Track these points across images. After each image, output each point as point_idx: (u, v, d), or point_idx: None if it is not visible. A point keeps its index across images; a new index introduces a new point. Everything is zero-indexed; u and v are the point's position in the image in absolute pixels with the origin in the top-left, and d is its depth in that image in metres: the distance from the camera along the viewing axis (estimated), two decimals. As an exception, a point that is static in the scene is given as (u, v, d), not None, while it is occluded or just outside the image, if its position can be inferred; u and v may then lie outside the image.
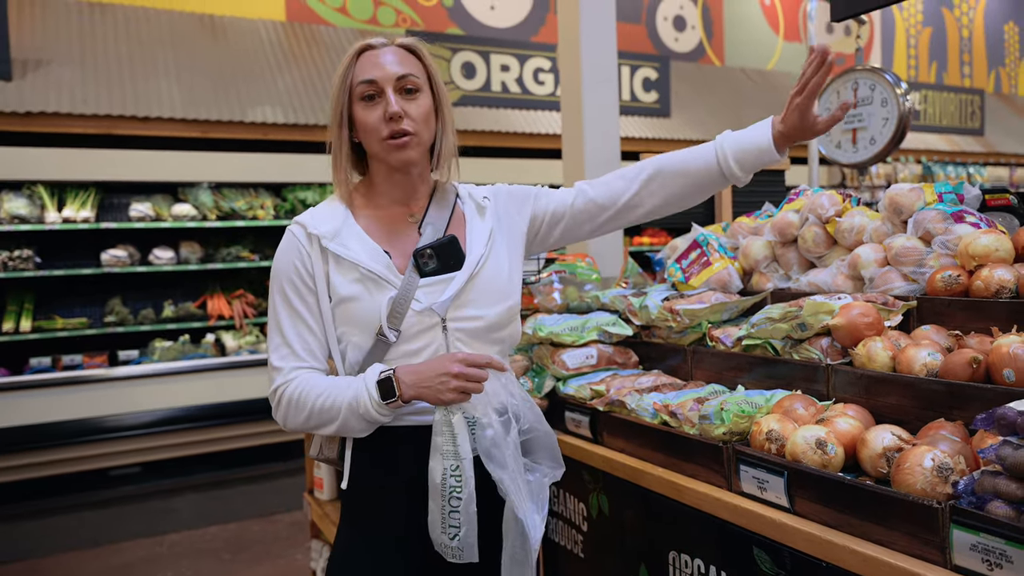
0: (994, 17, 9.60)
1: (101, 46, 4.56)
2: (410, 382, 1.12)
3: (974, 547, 0.92)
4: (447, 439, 1.12)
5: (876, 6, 1.65)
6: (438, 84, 1.25)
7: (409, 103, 1.19)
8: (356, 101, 1.21)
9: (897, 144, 2.50)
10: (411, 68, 1.21)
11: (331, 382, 1.18)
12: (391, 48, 1.22)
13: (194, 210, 4.55)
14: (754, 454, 1.24)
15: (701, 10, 7.35)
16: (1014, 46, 9.80)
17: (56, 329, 4.27)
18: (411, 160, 1.21)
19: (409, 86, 1.20)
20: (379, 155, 1.22)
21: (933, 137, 8.03)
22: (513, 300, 1.26)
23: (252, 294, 4.96)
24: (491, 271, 1.24)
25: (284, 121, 4.65)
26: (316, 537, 2.58)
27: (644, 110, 6.13)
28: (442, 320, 1.19)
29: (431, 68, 1.24)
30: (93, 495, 4.10)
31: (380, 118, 1.18)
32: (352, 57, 1.22)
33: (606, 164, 2.73)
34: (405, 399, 1.13)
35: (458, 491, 1.11)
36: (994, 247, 1.31)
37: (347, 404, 1.14)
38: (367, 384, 1.13)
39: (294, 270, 1.20)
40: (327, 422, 1.16)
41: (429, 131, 1.23)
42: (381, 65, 1.19)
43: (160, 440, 4.22)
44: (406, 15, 5.91)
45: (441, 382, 1.10)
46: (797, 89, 1.22)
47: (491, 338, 1.24)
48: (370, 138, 1.21)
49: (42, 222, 4.16)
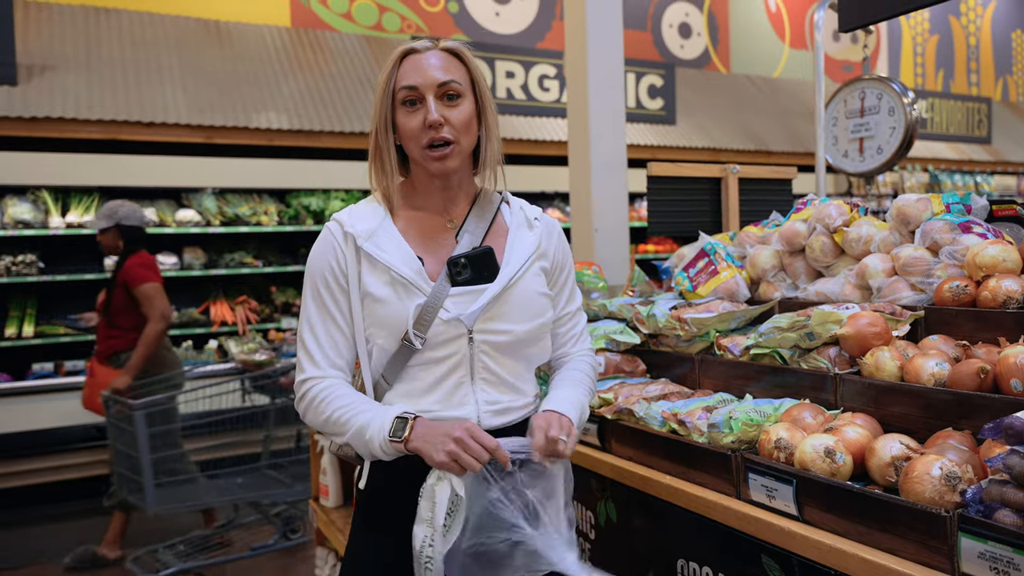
0: (1001, 25, 9.56)
1: (106, 51, 4.58)
2: (420, 432, 1.11)
3: (982, 555, 0.93)
4: (428, 506, 1.10)
5: (885, 17, 1.66)
6: (482, 89, 1.23)
7: (450, 110, 1.18)
8: (398, 106, 1.19)
9: (904, 153, 2.51)
10: (454, 74, 1.19)
11: (352, 399, 1.18)
12: (434, 52, 1.20)
13: (198, 216, 4.56)
14: (763, 462, 1.24)
15: (707, 17, 7.36)
16: (1022, 54, 9.76)
17: (59, 335, 4.27)
18: (450, 169, 1.20)
19: (451, 92, 1.18)
20: (419, 161, 1.22)
21: (940, 145, 8.00)
22: (545, 318, 1.25)
23: (255, 300, 4.97)
24: (525, 286, 1.22)
25: (289, 127, 4.67)
26: (321, 544, 2.57)
27: (649, 117, 6.14)
28: (469, 331, 1.18)
29: (475, 72, 1.22)
30: (100, 501, 4.10)
31: (420, 125, 1.17)
32: (395, 61, 1.20)
33: (613, 170, 2.75)
34: (409, 448, 1.11)
35: (431, 563, 1.08)
36: (1001, 258, 1.32)
37: (357, 428, 1.14)
38: (383, 419, 1.13)
39: (328, 268, 1.20)
40: (338, 434, 1.18)
41: (470, 138, 1.22)
42: (423, 70, 1.18)
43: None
44: (411, 21, 5.93)
45: (441, 441, 1.08)
46: None
47: (519, 354, 1.23)
48: (411, 144, 1.20)
49: (46, 227, 4.17)
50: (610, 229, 2.80)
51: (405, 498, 1.18)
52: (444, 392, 1.18)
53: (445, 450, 1.07)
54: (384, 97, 1.20)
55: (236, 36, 5.12)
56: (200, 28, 5.02)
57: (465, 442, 1.07)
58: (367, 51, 5.48)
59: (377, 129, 1.21)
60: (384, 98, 1.20)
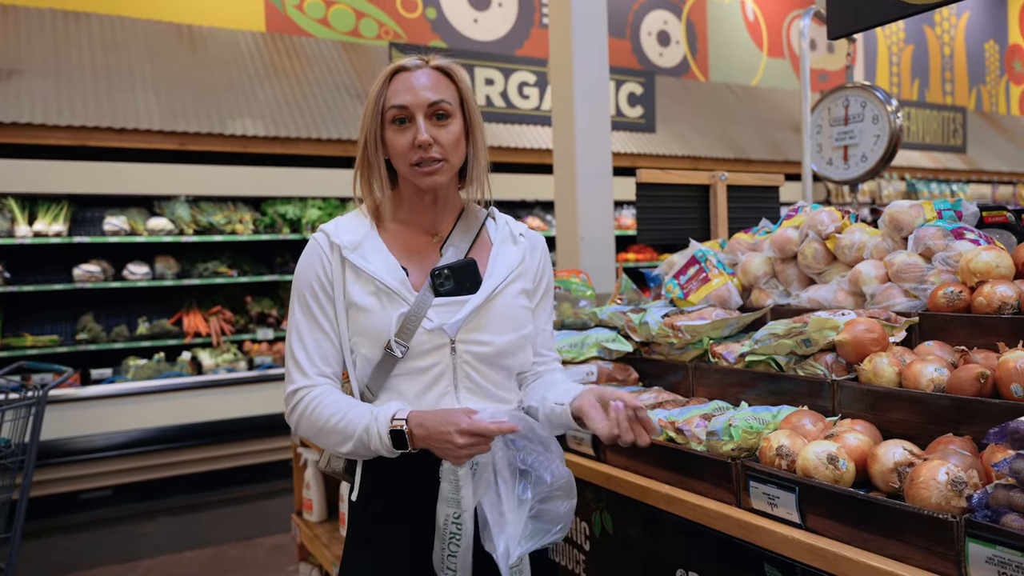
0: (974, 35, 9.75)
1: (76, 56, 4.46)
2: (421, 435, 1.12)
3: (990, 560, 0.93)
4: (452, 487, 1.14)
5: (872, 24, 1.68)
6: (471, 107, 1.25)
7: (440, 130, 1.20)
8: (388, 124, 1.21)
9: (888, 161, 2.55)
10: (444, 93, 1.21)
11: (348, 405, 1.17)
12: (424, 71, 1.21)
13: (170, 224, 4.46)
14: (764, 470, 1.23)
15: (685, 25, 7.42)
16: (995, 64, 9.98)
17: (26, 347, 4.13)
18: (438, 184, 1.22)
19: (441, 112, 1.20)
20: (407, 177, 1.23)
21: (916, 154, 8.14)
22: (526, 330, 1.27)
23: (230, 311, 4.87)
24: (507, 299, 1.25)
25: (264, 134, 4.59)
26: (305, 560, 2.51)
27: (630, 125, 6.16)
28: (452, 341, 1.20)
29: (464, 91, 1.24)
30: (62, 519, 3.96)
31: (409, 144, 1.19)
32: (385, 78, 1.22)
33: (598, 179, 2.74)
34: (415, 448, 1.14)
35: (457, 538, 1.13)
36: (995, 264, 1.33)
37: (357, 435, 1.14)
38: (379, 427, 1.13)
39: (316, 278, 1.21)
40: (338, 443, 1.17)
41: (459, 156, 1.23)
42: (413, 90, 1.19)
43: (133, 462, 4.10)
44: (389, 27, 5.90)
45: (448, 449, 1.09)
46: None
47: (498, 364, 1.25)
48: (399, 161, 1.22)
49: (12, 236, 4.03)
50: (596, 237, 2.80)
51: (398, 506, 1.20)
52: (428, 404, 1.19)
53: (458, 457, 1.09)
54: (374, 114, 1.21)
55: (210, 41, 5.03)
56: (172, 33, 4.92)
57: (470, 444, 1.08)
58: (344, 57, 5.43)
59: (367, 144, 1.22)
60: (374, 115, 1.21)
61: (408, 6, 5.98)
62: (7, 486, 2.44)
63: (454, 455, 1.09)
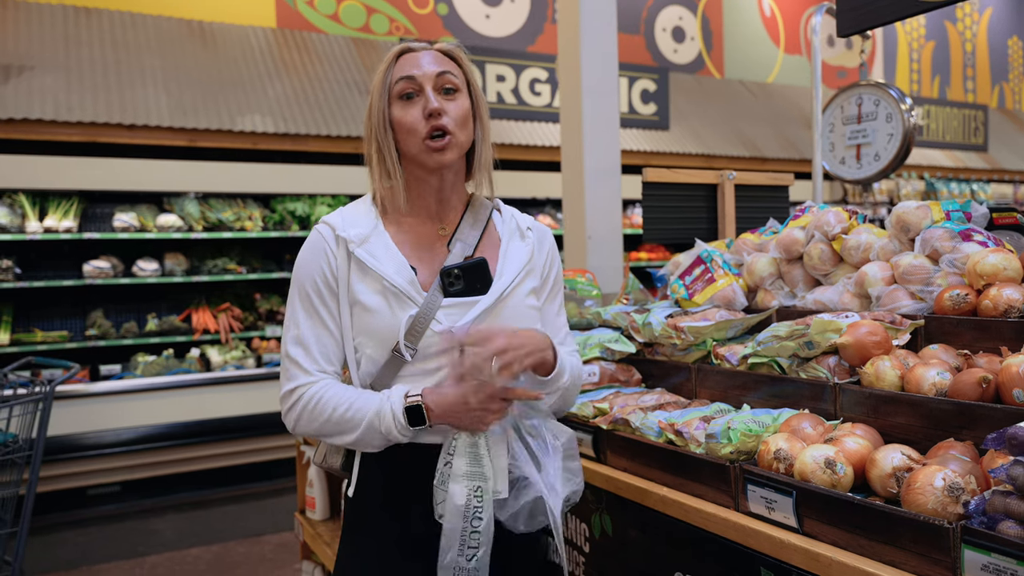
0: (997, 32, 9.54)
1: (86, 52, 4.50)
2: (439, 412, 1.12)
3: (985, 567, 0.92)
4: (471, 460, 1.13)
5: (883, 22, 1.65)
6: (476, 90, 1.24)
7: (448, 102, 1.19)
8: (394, 101, 1.20)
9: (902, 160, 2.50)
10: (450, 68, 1.21)
11: (354, 394, 1.16)
12: (430, 51, 1.22)
13: (180, 221, 4.49)
14: (762, 473, 1.22)
15: (700, 21, 7.31)
16: (1018, 61, 9.76)
17: (35, 342, 4.17)
18: (447, 162, 1.19)
19: (448, 85, 1.19)
20: (416, 157, 1.20)
21: (936, 153, 7.99)
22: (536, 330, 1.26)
23: (239, 308, 4.89)
24: (517, 300, 1.23)
25: (274, 130, 4.61)
26: (307, 558, 2.52)
27: (642, 122, 6.10)
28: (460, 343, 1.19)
29: (470, 74, 1.24)
30: (70, 515, 4.00)
31: (419, 116, 1.17)
32: (391, 59, 1.22)
33: (606, 177, 2.72)
34: (433, 424, 1.13)
35: (480, 511, 1.11)
36: (1002, 266, 1.31)
37: (368, 421, 1.13)
38: (392, 406, 1.12)
39: (320, 273, 1.19)
40: (343, 432, 1.15)
41: (467, 135, 1.22)
42: (420, 64, 1.19)
43: (141, 458, 4.13)
44: (400, 23, 5.89)
45: (476, 416, 1.11)
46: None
47: None
48: (409, 139, 1.19)
49: (23, 232, 4.08)
50: (603, 236, 2.78)
51: (396, 501, 1.19)
52: None
53: (486, 422, 1.12)
54: (381, 94, 1.20)
55: (220, 37, 5.05)
56: (183, 29, 4.95)
57: (501, 407, 1.11)
58: (355, 53, 5.43)
59: (375, 129, 1.20)
60: (381, 95, 1.20)
61: (419, 2, 5.98)
62: (14, 481, 2.47)
63: (482, 421, 1.10)
